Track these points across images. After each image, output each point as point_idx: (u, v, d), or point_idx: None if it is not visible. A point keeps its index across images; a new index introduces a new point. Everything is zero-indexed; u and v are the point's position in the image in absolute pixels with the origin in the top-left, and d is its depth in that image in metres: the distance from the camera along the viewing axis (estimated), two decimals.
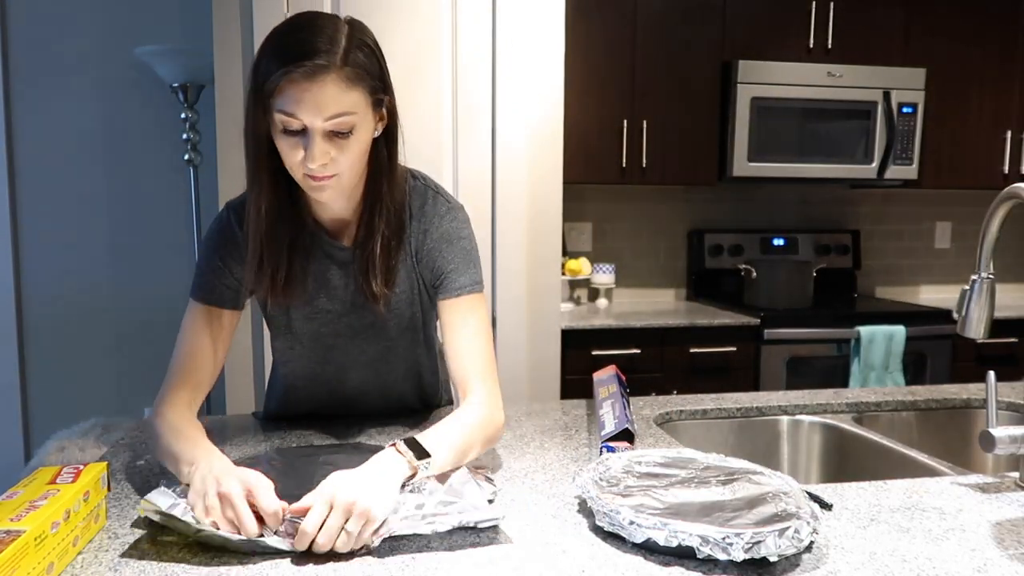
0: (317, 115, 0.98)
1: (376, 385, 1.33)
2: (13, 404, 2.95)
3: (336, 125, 1.00)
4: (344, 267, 1.18)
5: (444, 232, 1.18)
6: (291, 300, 1.17)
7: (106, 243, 2.97)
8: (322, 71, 0.97)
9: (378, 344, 1.26)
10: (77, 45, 2.88)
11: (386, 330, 1.24)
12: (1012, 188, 1.06)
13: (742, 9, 2.97)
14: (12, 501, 0.80)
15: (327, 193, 1.06)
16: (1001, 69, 3.21)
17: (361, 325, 1.23)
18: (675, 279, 3.42)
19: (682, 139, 2.99)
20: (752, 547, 0.79)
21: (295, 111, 0.98)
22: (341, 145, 1.02)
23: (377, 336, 1.24)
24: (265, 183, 1.07)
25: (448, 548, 0.86)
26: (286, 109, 0.98)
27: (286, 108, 0.98)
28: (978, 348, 3.03)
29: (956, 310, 1.14)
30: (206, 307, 1.16)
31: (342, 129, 1.00)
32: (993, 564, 0.83)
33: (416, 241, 1.18)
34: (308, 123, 0.99)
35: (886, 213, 3.59)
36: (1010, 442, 1.04)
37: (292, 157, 1.02)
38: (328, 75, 0.97)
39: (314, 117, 0.98)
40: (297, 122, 0.99)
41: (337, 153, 1.02)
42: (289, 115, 0.98)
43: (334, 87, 0.98)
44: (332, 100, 0.98)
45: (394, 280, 1.17)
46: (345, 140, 1.02)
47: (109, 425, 2.67)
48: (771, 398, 1.57)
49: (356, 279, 1.17)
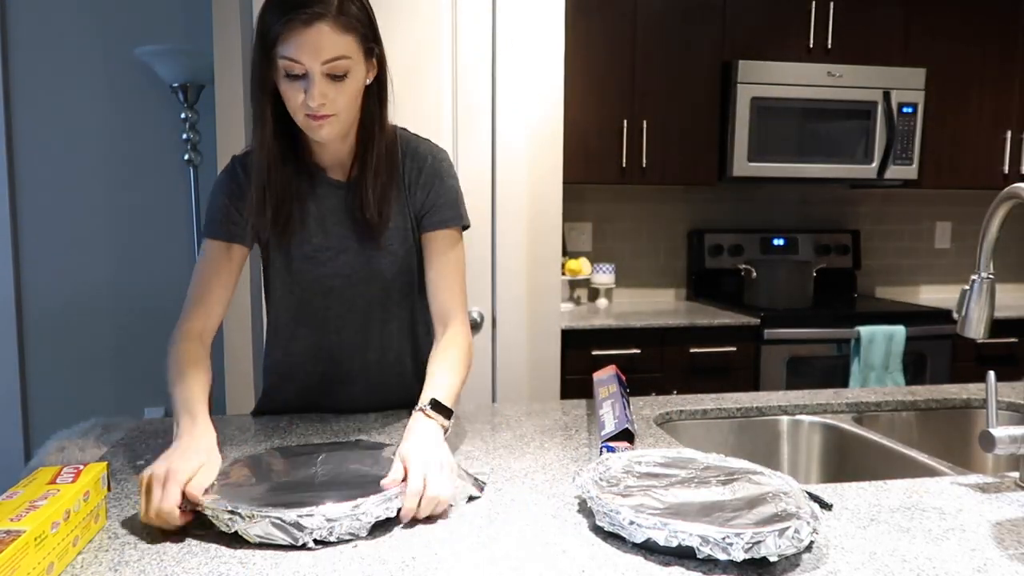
0: (315, 58, 1.09)
1: (375, 341, 1.36)
2: (13, 404, 2.95)
3: (332, 68, 1.11)
4: (341, 203, 1.27)
5: (436, 170, 1.29)
6: (290, 238, 1.26)
7: (106, 243, 2.97)
8: (318, 18, 1.08)
9: (375, 286, 1.31)
10: (77, 45, 2.88)
11: (381, 270, 1.30)
12: (1012, 188, 1.06)
13: (742, 9, 2.97)
14: (12, 501, 0.80)
15: (324, 131, 1.16)
16: (1001, 69, 3.21)
17: (358, 262, 1.29)
18: (675, 279, 3.42)
19: (682, 139, 2.99)
20: (752, 547, 0.79)
21: (296, 55, 1.09)
22: (338, 87, 1.13)
23: (373, 277, 1.30)
24: (268, 129, 1.18)
25: (448, 547, 0.86)
26: (288, 54, 1.09)
27: (287, 53, 1.09)
28: (978, 348, 3.03)
29: (956, 310, 1.14)
30: (215, 242, 1.24)
31: (338, 72, 1.12)
32: (993, 564, 0.83)
33: (409, 178, 1.28)
34: (308, 66, 1.10)
35: (886, 213, 3.59)
36: (1010, 442, 1.04)
37: (294, 100, 1.13)
38: (324, 21, 1.08)
39: (313, 60, 1.09)
40: (299, 66, 1.10)
41: (335, 94, 1.13)
42: (291, 60, 1.09)
43: (330, 32, 1.09)
44: (329, 44, 1.09)
45: (388, 210, 1.26)
46: (341, 82, 1.13)
47: (109, 425, 2.67)
48: (771, 398, 1.57)
49: (353, 213, 1.26)
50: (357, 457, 1.06)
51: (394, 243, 1.29)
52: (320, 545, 0.86)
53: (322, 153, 1.26)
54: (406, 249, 1.31)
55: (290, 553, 0.84)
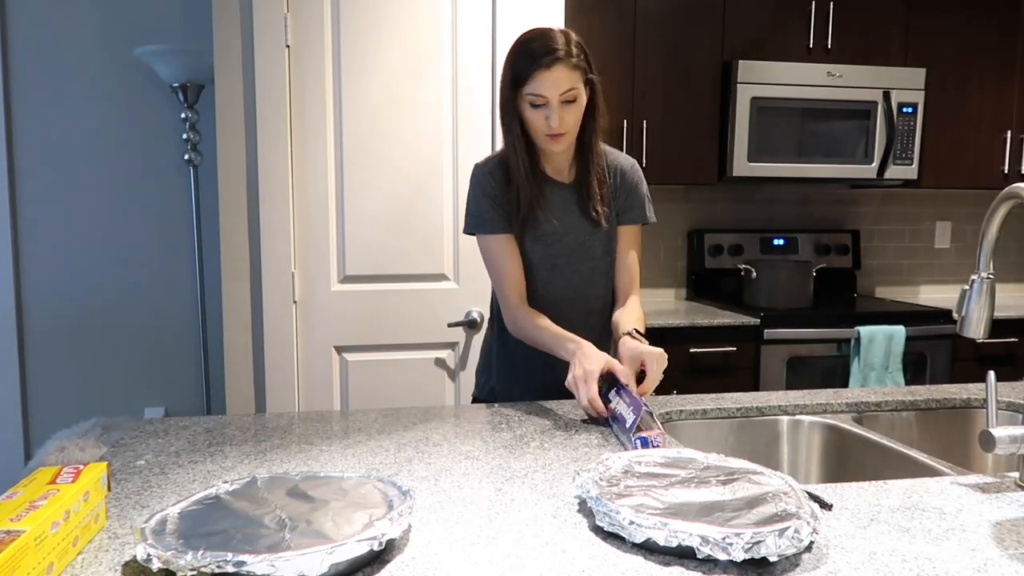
0: (556, 91, 1.44)
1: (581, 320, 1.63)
2: (13, 404, 2.95)
3: (566, 96, 1.46)
4: (565, 198, 1.60)
5: (634, 178, 1.65)
6: (528, 226, 1.58)
7: (106, 243, 2.96)
8: (557, 61, 1.43)
9: (587, 264, 1.63)
10: (77, 45, 2.88)
11: (593, 249, 1.62)
12: (1012, 188, 1.06)
13: (742, 9, 2.97)
14: (12, 501, 0.80)
15: (560, 146, 1.51)
16: (1001, 69, 3.21)
17: (576, 244, 1.61)
18: (675, 279, 3.42)
19: (682, 139, 2.99)
20: (752, 547, 0.78)
21: (541, 91, 1.44)
22: (569, 110, 1.48)
23: (587, 255, 1.62)
24: (520, 145, 1.53)
25: (448, 547, 0.86)
26: (534, 91, 1.45)
27: (534, 90, 1.45)
28: (978, 348, 3.03)
29: (956, 310, 1.14)
30: (496, 235, 1.59)
31: (570, 99, 1.47)
32: (993, 564, 0.83)
33: (614, 181, 1.63)
34: (549, 97, 1.45)
35: (886, 213, 3.59)
36: (1010, 442, 1.04)
37: (538, 123, 1.48)
38: (561, 63, 1.43)
39: (553, 92, 1.44)
40: (542, 98, 1.45)
41: (568, 117, 1.48)
42: (536, 95, 1.45)
43: (565, 71, 1.44)
44: (565, 80, 1.44)
45: (607, 203, 1.60)
46: (571, 107, 1.48)
47: (109, 425, 2.67)
48: (771, 398, 1.57)
49: (577, 206, 1.60)
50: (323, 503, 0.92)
51: (603, 229, 1.62)
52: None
53: (548, 162, 1.60)
54: (610, 235, 1.63)
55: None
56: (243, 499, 0.91)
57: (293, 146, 2.33)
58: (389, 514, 0.85)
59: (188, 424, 1.39)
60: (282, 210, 2.33)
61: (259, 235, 2.35)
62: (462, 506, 0.99)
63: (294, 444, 1.26)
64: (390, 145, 2.36)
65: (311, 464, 1.16)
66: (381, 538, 0.80)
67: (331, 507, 0.89)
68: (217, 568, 0.74)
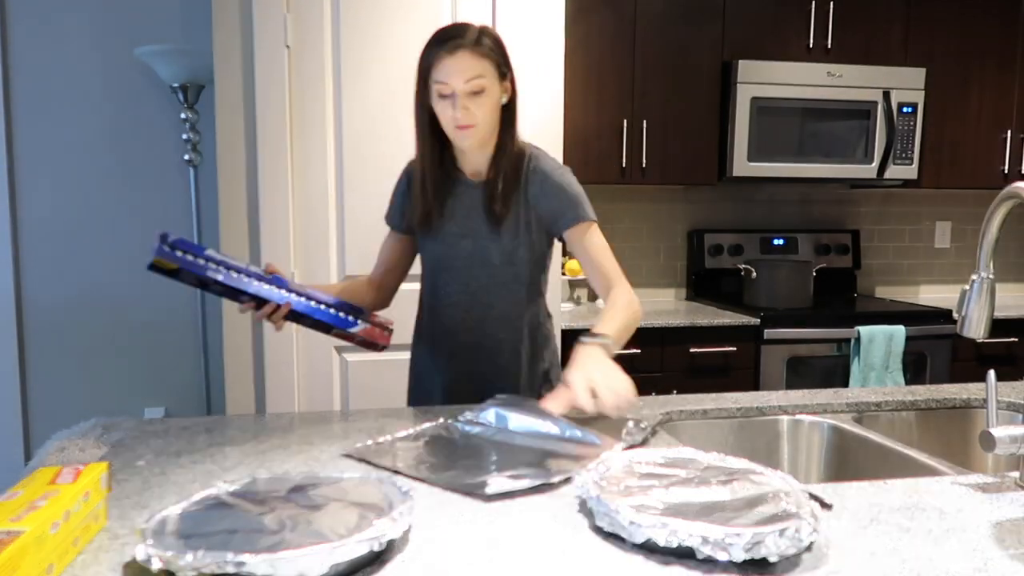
0: (459, 79, 1.38)
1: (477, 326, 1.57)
2: (13, 404, 2.95)
3: (472, 86, 1.39)
4: (474, 199, 1.54)
5: (558, 182, 1.52)
6: (432, 226, 1.54)
7: (106, 243, 2.96)
8: (459, 47, 1.38)
9: (485, 271, 1.55)
10: (77, 45, 2.88)
11: (491, 255, 1.54)
12: (1012, 188, 1.06)
13: (742, 9, 2.97)
14: (12, 501, 0.80)
15: (469, 140, 1.44)
16: (1001, 69, 3.21)
17: (475, 247, 1.54)
18: (675, 279, 3.42)
19: (682, 139, 2.99)
20: (752, 547, 0.78)
21: (445, 78, 1.39)
22: (477, 102, 1.41)
23: (484, 260, 1.54)
24: (427, 143, 1.50)
25: (448, 547, 0.86)
26: (439, 79, 1.40)
27: (439, 78, 1.40)
28: (978, 348, 3.03)
29: (956, 310, 1.14)
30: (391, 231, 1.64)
31: (476, 89, 1.40)
32: (993, 564, 0.83)
33: (532, 189, 1.52)
34: (454, 86, 1.39)
35: (886, 213, 3.59)
36: (1010, 442, 1.04)
37: (445, 115, 1.42)
38: (464, 49, 1.38)
39: (457, 80, 1.39)
40: (447, 87, 1.39)
41: (474, 108, 1.41)
42: (441, 82, 1.40)
43: (469, 57, 1.39)
44: (468, 66, 1.38)
45: (509, 205, 1.51)
46: (479, 98, 1.41)
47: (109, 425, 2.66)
48: (771, 398, 1.57)
49: (483, 208, 1.52)
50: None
51: (506, 235, 1.53)
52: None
53: (465, 162, 1.54)
54: (515, 244, 1.54)
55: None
56: (243, 499, 0.91)
57: (293, 146, 2.33)
58: (389, 514, 0.85)
59: (188, 424, 1.39)
60: (282, 210, 2.33)
61: (259, 235, 2.35)
62: (462, 506, 0.99)
63: (294, 444, 1.26)
64: (390, 145, 2.35)
65: (311, 464, 1.16)
66: (381, 538, 0.80)
67: (331, 507, 0.89)
68: (217, 568, 0.74)
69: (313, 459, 1.18)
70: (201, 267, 1.30)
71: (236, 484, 0.96)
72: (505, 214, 1.51)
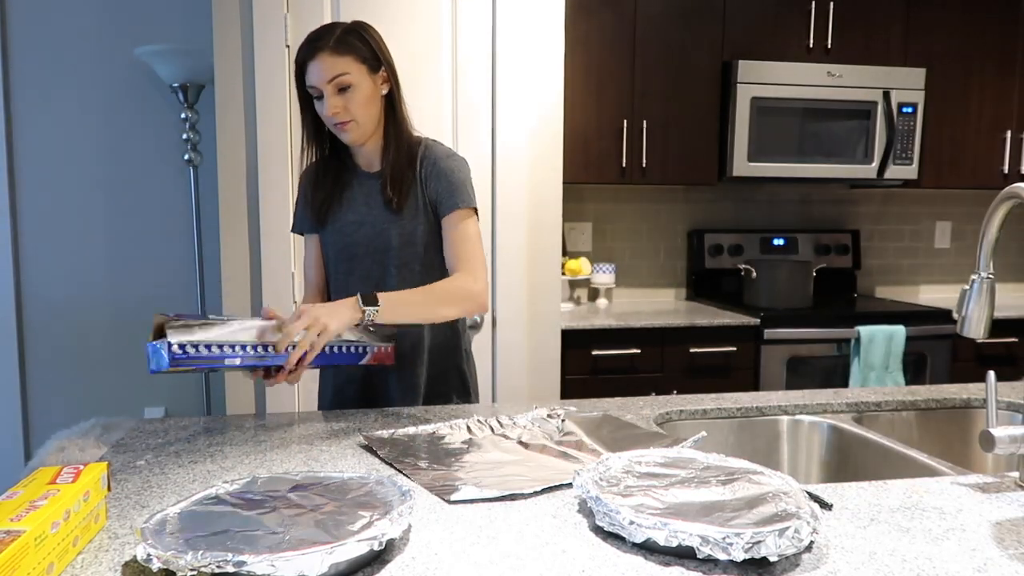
0: (323, 78, 1.42)
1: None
2: (13, 404, 2.95)
3: (338, 83, 1.43)
4: (370, 189, 1.56)
5: (442, 167, 1.54)
6: (330, 218, 1.58)
7: (106, 243, 2.97)
8: (318, 50, 1.42)
9: (385, 256, 1.55)
10: (77, 45, 2.88)
11: (390, 238, 1.54)
12: (1012, 188, 1.06)
13: (742, 9, 2.97)
14: (12, 501, 0.80)
15: (350, 135, 1.48)
16: (1001, 69, 3.21)
17: (374, 233, 1.55)
18: (675, 279, 3.42)
19: (682, 139, 2.99)
20: (752, 547, 0.78)
21: (310, 81, 1.44)
22: (347, 97, 1.44)
23: (383, 244, 1.55)
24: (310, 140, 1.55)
25: (448, 547, 0.86)
26: (308, 82, 1.44)
27: (308, 82, 1.44)
28: (978, 348, 3.03)
29: (956, 310, 1.14)
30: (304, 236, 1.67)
31: (342, 86, 1.43)
32: (993, 564, 0.83)
33: (424, 171, 1.54)
34: (319, 86, 1.43)
35: (886, 213, 3.59)
36: (1010, 442, 1.04)
37: (323, 114, 1.46)
38: (323, 52, 1.42)
39: (321, 81, 1.43)
40: (315, 89, 1.44)
41: (346, 103, 1.44)
42: (310, 86, 1.44)
43: (329, 57, 1.42)
44: (328, 66, 1.42)
45: (404, 191, 1.53)
46: (348, 94, 1.44)
47: (109, 425, 2.67)
48: (771, 398, 1.57)
49: (380, 195, 1.54)
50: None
51: (405, 219, 1.54)
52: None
53: (358, 155, 1.58)
54: (414, 226, 1.54)
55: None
56: (243, 499, 0.91)
57: (293, 146, 2.33)
58: (389, 514, 0.85)
59: (188, 424, 1.39)
60: (282, 210, 2.33)
61: (259, 235, 2.35)
62: (462, 506, 0.99)
63: (294, 444, 1.26)
64: None
65: (311, 464, 1.16)
66: (381, 538, 0.80)
67: (331, 507, 0.89)
68: (217, 568, 0.74)
69: (313, 459, 1.18)
70: (217, 358, 1.22)
71: (236, 484, 0.96)
72: (402, 203, 1.53)
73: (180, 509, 0.88)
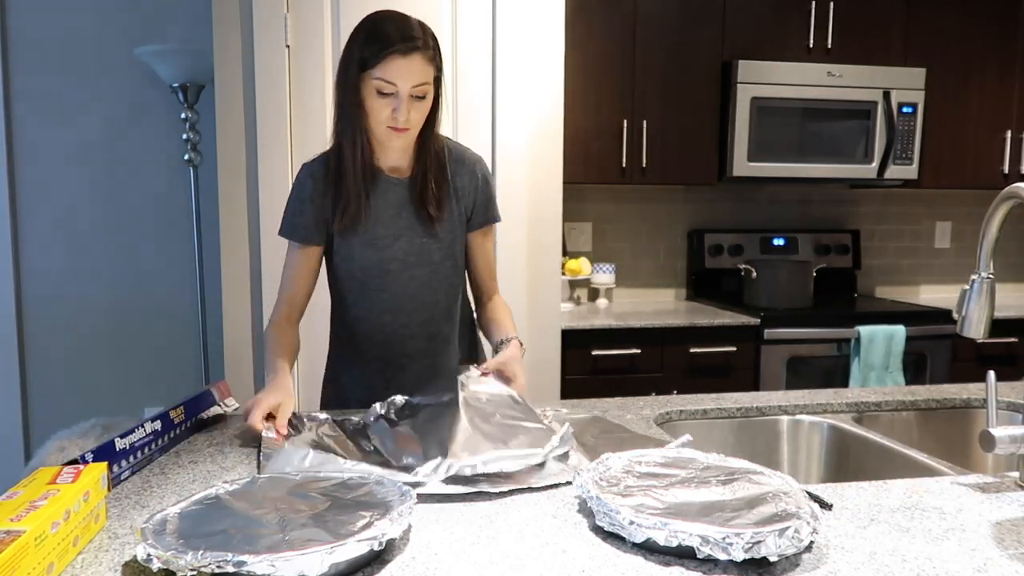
0: (408, 82, 1.32)
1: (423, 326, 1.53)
2: (13, 404, 2.95)
3: (418, 91, 1.34)
4: (401, 197, 1.47)
5: (483, 176, 1.53)
6: (356, 227, 1.44)
7: (106, 243, 2.97)
8: (415, 50, 1.31)
9: (425, 269, 1.49)
10: (77, 45, 2.88)
11: (431, 253, 1.49)
12: (1012, 188, 1.06)
13: (742, 9, 2.97)
14: (12, 501, 0.80)
15: (401, 142, 1.39)
16: (1001, 69, 3.21)
17: (412, 248, 1.48)
18: (675, 279, 3.42)
19: (682, 139, 2.99)
20: (752, 547, 0.79)
21: (392, 78, 1.31)
22: (417, 106, 1.36)
23: (424, 259, 1.49)
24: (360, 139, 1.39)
25: (448, 547, 0.86)
26: (384, 76, 1.31)
27: (384, 76, 1.31)
28: (978, 348, 3.03)
29: (956, 310, 1.14)
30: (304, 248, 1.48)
31: (420, 95, 1.35)
32: (993, 564, 0.83)
33: (460, 180, 1.50)
34: (400, 88, 1.32)
35: (886, 213, 3.59)
36: (1010, 442, 1.04)
37: (381, 113, 1.34)
38: (419, 53, 1.32)
39: (405, 83, 1.32)
40: (391, 87, 1.32)
41: (414, 112, 1.35)
42: (386, 81, 1.31)
43: (421, 62, 1.32)
44: (419, 72, 1.33)
45: (443, 203, 1.47)
46: (421, 103, 1.36)
47: (109, 425, 2.66)
48: (771, 398, 1.57)
49: (413, 206, 1.47)
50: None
51: (443, 231, 1.49)
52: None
53: (384, 157, 1.46)
54: (451, 238, 1.51)
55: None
56: (243, 499, 0.91)
57: (293, 146, 2.33)
58: (389, 514, 0.85)
59: None
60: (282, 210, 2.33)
61: (259, 235, 2.35)
62: (462, 506, 0.99)
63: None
64: None
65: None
66: (381, 538, 0.80)
67: (331, 507, 0.89)
68: (217, 568, 0.74)
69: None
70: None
71: (236, 484, 0.96)
72: (442, 215, 1.47)
73: (180, 509, 0.88)
